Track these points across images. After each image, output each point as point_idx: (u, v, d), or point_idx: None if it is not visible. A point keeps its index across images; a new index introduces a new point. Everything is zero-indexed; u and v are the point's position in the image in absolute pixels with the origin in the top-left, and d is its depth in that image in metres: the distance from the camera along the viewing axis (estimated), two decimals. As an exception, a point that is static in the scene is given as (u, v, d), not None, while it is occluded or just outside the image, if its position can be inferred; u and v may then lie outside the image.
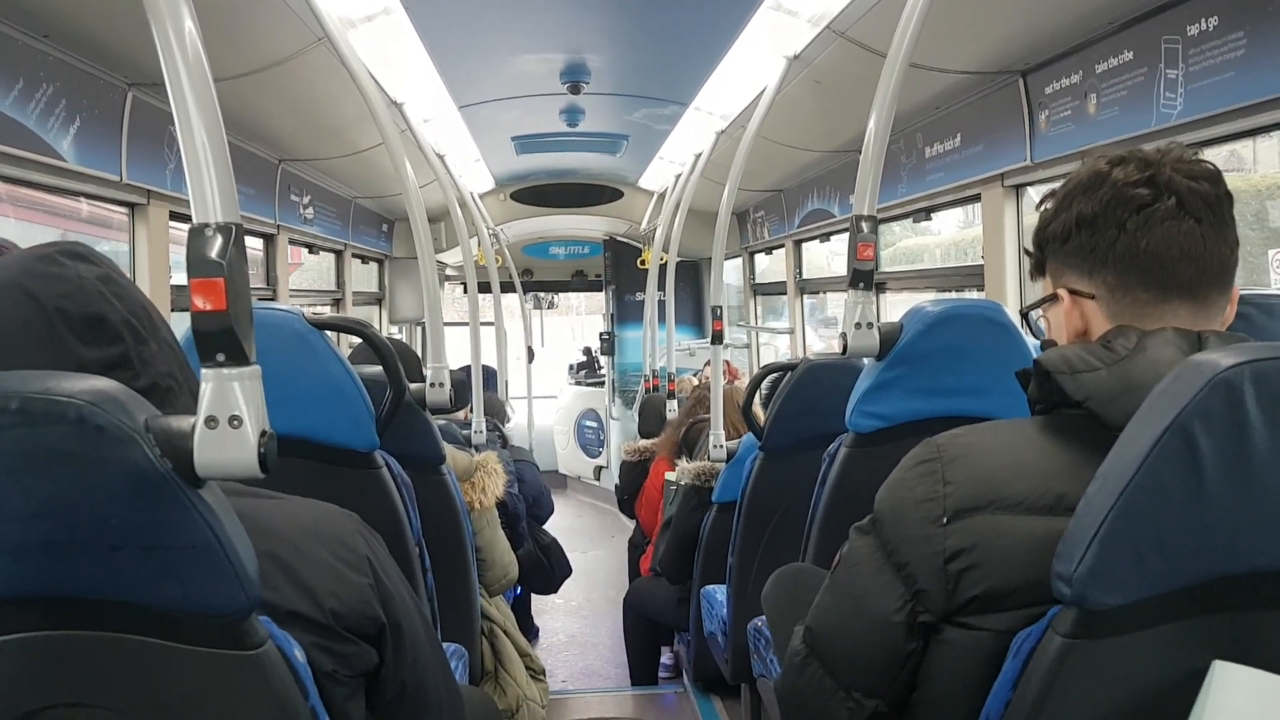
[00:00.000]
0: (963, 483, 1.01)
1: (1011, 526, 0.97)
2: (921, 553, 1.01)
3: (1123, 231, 1.02)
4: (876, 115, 1.84)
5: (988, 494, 0.99)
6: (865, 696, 1.09)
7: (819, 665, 1.14)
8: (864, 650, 1.08)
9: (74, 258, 0.99)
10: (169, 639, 0.87)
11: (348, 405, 1.77)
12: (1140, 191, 1.01)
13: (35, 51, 2.37)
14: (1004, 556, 0.97)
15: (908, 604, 1.03)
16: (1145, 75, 2.38)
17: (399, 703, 1.16)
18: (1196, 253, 1.00)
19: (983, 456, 1.02)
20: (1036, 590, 0.94)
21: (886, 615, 1.04)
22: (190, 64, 0.90)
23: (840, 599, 1.13)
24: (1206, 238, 1.00)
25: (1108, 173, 1.04)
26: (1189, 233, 1.00)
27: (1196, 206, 1.00)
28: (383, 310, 6.93)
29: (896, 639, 1.04)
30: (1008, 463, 1.01)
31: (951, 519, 1.00)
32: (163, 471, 0.82)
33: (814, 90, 3.58)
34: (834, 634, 1.13)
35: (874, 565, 1.07)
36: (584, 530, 7.51)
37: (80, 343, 0.95)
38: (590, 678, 4.50)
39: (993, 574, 0.97)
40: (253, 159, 4.03)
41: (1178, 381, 0.87)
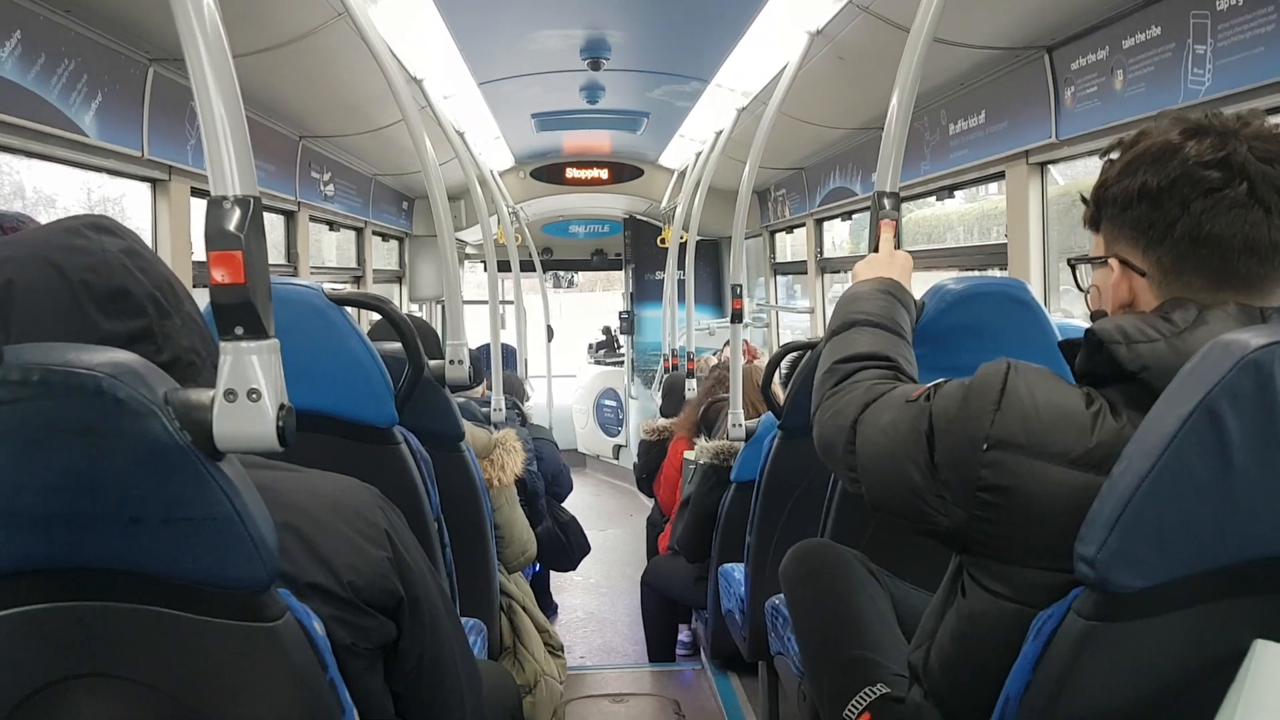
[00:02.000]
0: (1013, 415, 0.99)
1: (1043, 473, 0.96)
2: (958, 469, 1.01)
3: (1186, 212, 0.98)
4: (899, 91, 1.82)
5: (1033, 435, 0.97)
6: None
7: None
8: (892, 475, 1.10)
9: (99, 231, 1.00)
10: (188, 610, 0.87)
11: (367, 381, 1.78)
12: (1211, 174, 0.97)
13: (58, 26, 2.38)
14: (1032, 504, 0.96)
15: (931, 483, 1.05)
16: (1173, 51, 2.34)
17: (417, 676, 1.17)
18: (1261, 245, 0.96)
19: (1042, 395, 1.00)
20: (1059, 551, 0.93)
21: (919, 480, 1.06)
22: (208, 37, 0.89)
23: (881, 435, 1.14)
24: (1273, 229, 0.96)
25: (1180, 145, 0.99)
26: (1256, 223, 0.96)
27: (1268, 195, 0.96)
28: (403, 288, 6.94)
29: (928, 496, 1.06)
30: (1062, 411, 0.98)
31: (991, 446, 0.99)
32: (182, 444, 0.83)
33: (837, 66, 3.54)
34: (873, 468, 1.15)
35: (914, 433, 1.08)
36: (602, 509, 7.53)
37: (103, 315, 0.96)
38: (608, 654, 4.52)
39: (1018, 521, 0.97)
40: (273, 135, 4.03)
41: (1205, 361, 0.85)
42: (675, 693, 3.59)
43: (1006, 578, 1.00)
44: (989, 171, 3.45)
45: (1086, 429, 0.96)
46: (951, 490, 1.02)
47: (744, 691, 3.44)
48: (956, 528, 1.02)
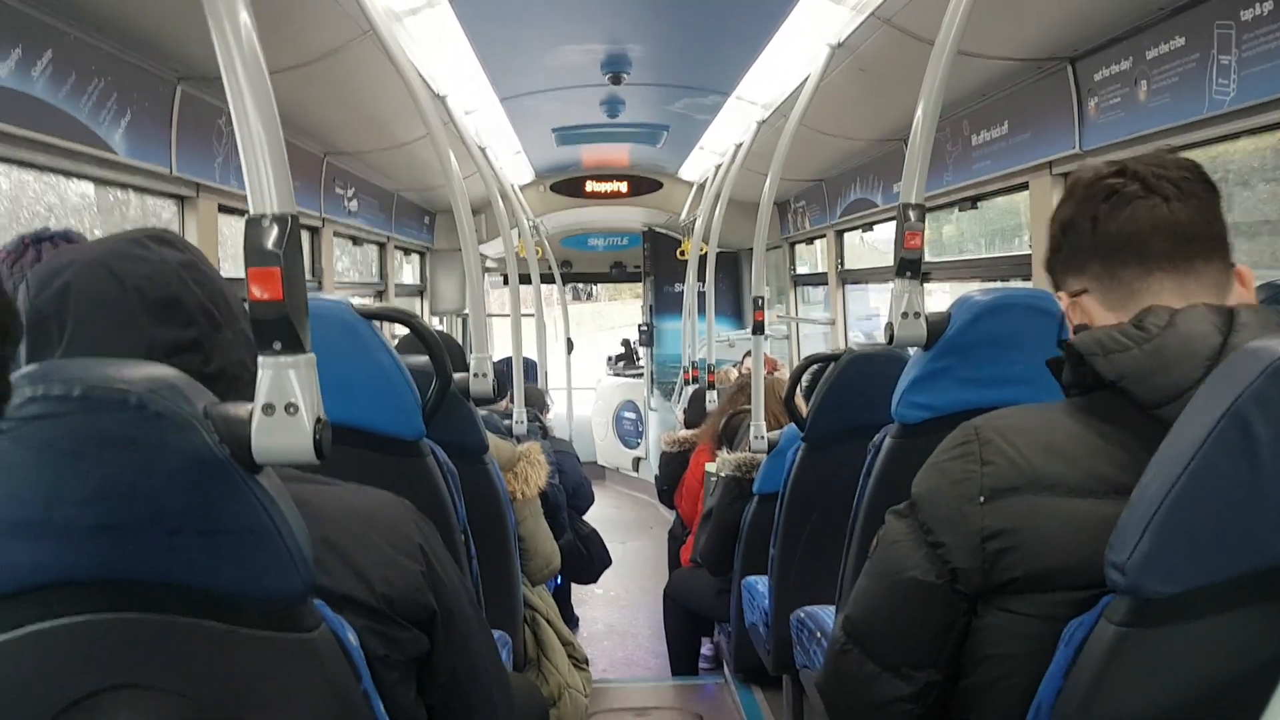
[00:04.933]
0: (1000, 463, 1.02)
1: (1053, 508, 0.98)
2: (959, 532, 1.02)
3: (1096, 222, 1.06)
4: (924, 103, 1.82)
5: (1025, 474, 1.00)
6: (914, 670, 1.08)
7: (858, 650, 1.13)
8: (905, 623, 1.08)
9: (161, 243, 1.03)
10: (225, 621, 0.88)
11: (395, 394, 1.79)
12: (1106, 181, 1.06)
13: (88, 46, 2.41)
14: (1045, 539, 0.97)
15: (944, 579, 1.03)
16: (1197, 61, 2.33)
17: (450, 688, 1.18)
18: (1166, 225, 1.03)
19: (1019, 437, 1.03)
20: (1080, 573, 0.95)
21: (925, 584, 1.04)
22: (246, 57, 0.91)
23: (876, 580, 1.13)
24: (1175, 212, 1.03)
25: (1079, 178, 1.11)
26: (1155, 207, 1.04)
27: (1161, 187, 1.04)
28: (424, 302, 6.97)
29: (936, 607, 1.04)
30: (1044, 443, 1.01)
31: (989, 498, 1.01)
32: (221, 457, 0.84)
33: (858, 78, 3.55)
34: (872, 614, 1.13)
35: (910, 543, 1.08)
36: (623, 521, 7.53)
37: (154, 322, 0.98)
38: (630, 667, 4.51)
39: (1032, 557, 0.98)
40: (299, 152, 4.07)
41: (1233, 368, 0.86)
42: (698, 706, 3.58)
43: (1031, 603, 1.00)
44: (1012, 183, 3.44)
45: (1077, 458, 0.99)
46: (955, 554, 1.02)
47: (768, 705, 3.43)
48: (973, 589, 1.02)
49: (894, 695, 1.09)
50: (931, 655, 1.07)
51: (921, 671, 1.07)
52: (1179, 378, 0.95)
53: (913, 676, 1.07)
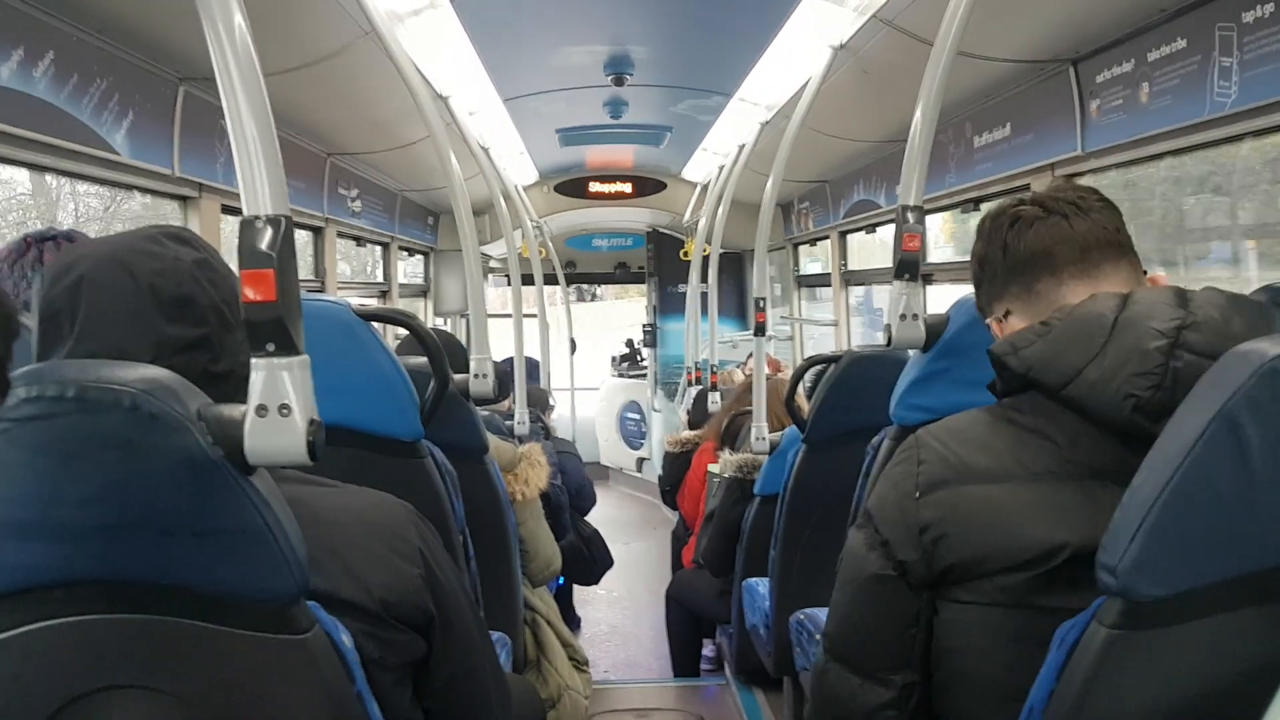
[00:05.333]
0: (932, 460, 1.10)
1: (977, 495, 1.05)
2: (900, 527, 1.09)
3: (1006, 248, 1.16)
4: (923, 104, 1.82)
5: (954, 468, 1.08)
6: (890, 673, 1.11)
7: (839, 666, 1.17)
8: (873, 624, 1.12)
9: (176, 241, 1.04)
10: (219, 623, 0.88)
11: (394, 395, 1.79)
12: (1009, 211, 1.17)
13: (90, 46, 2.42)
14: (971, 524, 1.04)
15: (897, 572, 1.10)
16: (1199, 63, 2.33)
17: (448, 691, 1.18)
18: (1068, 237, 1.12)
19: (950, 437, 1.11)
20: (1006, 554, 1.01)
21: (882, 578, 1.10)
22: (240, 58, 0.91)
23: (843, 589, 1.18)
24: (1075, 226, 1.12)
25: (986, 215, 1.21)
26: (1055, 225, 1.13)
27: (1059, 207, 1.14)
28: (428, 302, 6.98)
29: (896, 601, 1.10)
30: (971, 440, 1.10)
31: (923, 493, 1.08)
32: (214, 458, 0.84)
33: (860, 80, 3.54)
34: (844, 624, 1.17)
35: (866, 547, 1.14)
36: (626, 522, 7.52)
37: (165, 319, 0.99)
38: (632, 669, 4.51)
39: (962, 542, 1.04)
40: (302, 153, 4.08)
41: (1223, 371, 0.86)
42: (699, 708, 3.57)
43: (974, 590, 1.04)
44: (1014, 185, 3.44)
45: (1000, 450, 1.07)
46: (900, 548, 1.09)
47: (769, 707, 3.43)
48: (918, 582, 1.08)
49: (877, 703, 1.12)
50: (903, 654, 1.10)
51: (898, 674, 1.11)
52: (1074, 357, 1.02)
53: (891, 680, 1.11)
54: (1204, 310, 0.98)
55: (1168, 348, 0.97)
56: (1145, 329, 0.99)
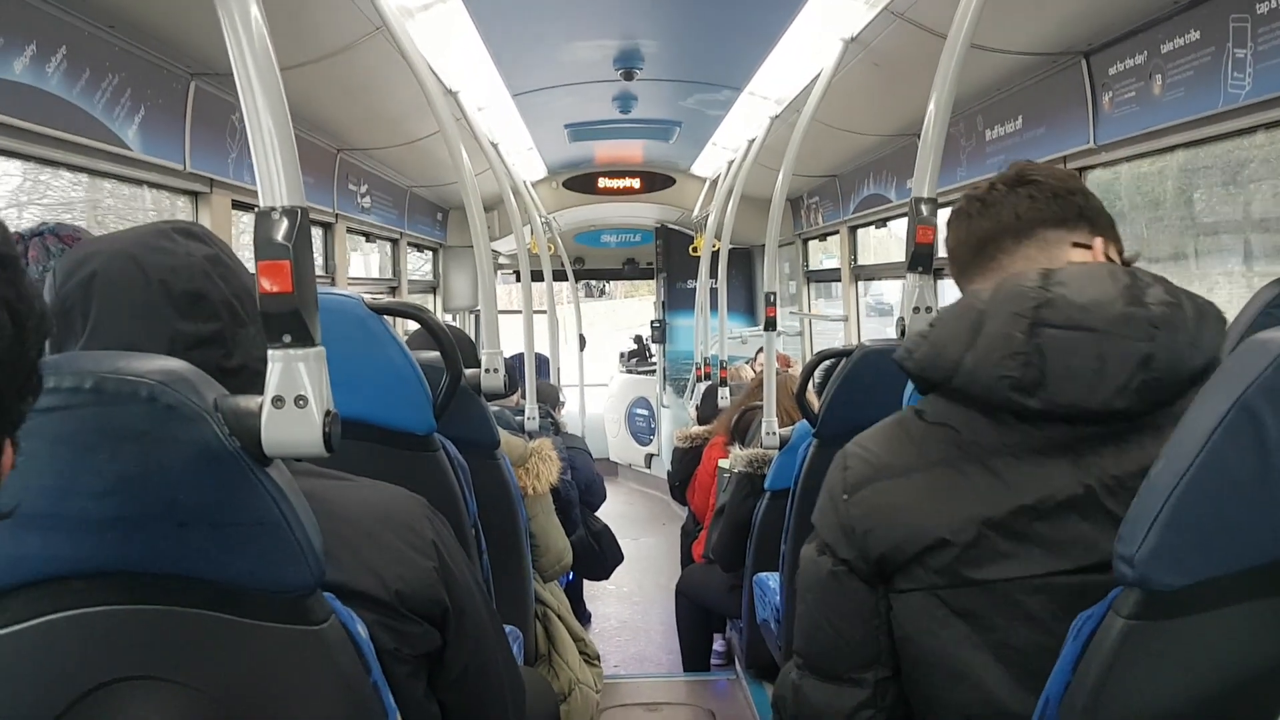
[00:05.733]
0: (855, 465, 1.16)
1: (892, 487, 1.12)
2: (835, 529, 1.15)
3: (963, 238, 1.23)
4: (936, 97, 1.81)
5: (874, 466, 1.14)
6: (862, 671, 1.14)
7: (812, 677, 1.19)
8: (835, 623, 1.16)
9: (188, 236, 1.04)
10: (235, 614, 0.89)
11: (406, 389, 1.79)
12: (958, 209, 1.24)
13: (101, 42, 2.43)
14: (889, 514, 1.10)
15: (842, 568, 1.15)
16: (1212, 55, 2.32)
17: (462, 683, 1.18)
18: (1024, 209, 1.18)
19: (870, 441, 1.19)
20: (919, 538, 1.07)
21: (835, 574, 1.15)
22: (256, 50, 0.91)
23: (802, 599, 1.21)
24: (1034, 199, 1.18)
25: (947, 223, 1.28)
26: (1016, 201, 1.19)
27: (1019, 183, 1.19)
28: (437, 298, 6.99)
29: (850, 596, 1.14)
30: (888, 439, 1.17)
31: (849, 494, 1.14)
32: (231, 449, 0.84)
33: (872, 73, 3.53)
34: (809, 631, 1.20)
35: (816, 554, 1.19)
36: (635, 517, 7.53)
37: (177, 315, 0.99)
38: (642, 663, 4.52)
39: (885, 533, 1.10)
40: (312, 148, 4.08)
41: (1241, 360, 0.85)
42: (710, 702, 3.58)
43: (910, 578, 1.10)
44: (1026, 178, 3.42)
45: (908, 446, 1.13)
46: (840, 548, 1.15)
47: (779, 701, 3.42)
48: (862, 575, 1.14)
49: (853, 704, 1.14)
50: (871, 651, 1.14)
51: (869, 671, 1.14)
52: (952, 351, 1.08)
53: (863, 680, 1.14)
54: (1058, 287, 1.05)
55: (1029, 327, 1.03)
56: (1008, 313, 1.05)
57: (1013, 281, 1.09)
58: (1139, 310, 1.01)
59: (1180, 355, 1.00)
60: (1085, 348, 1.01)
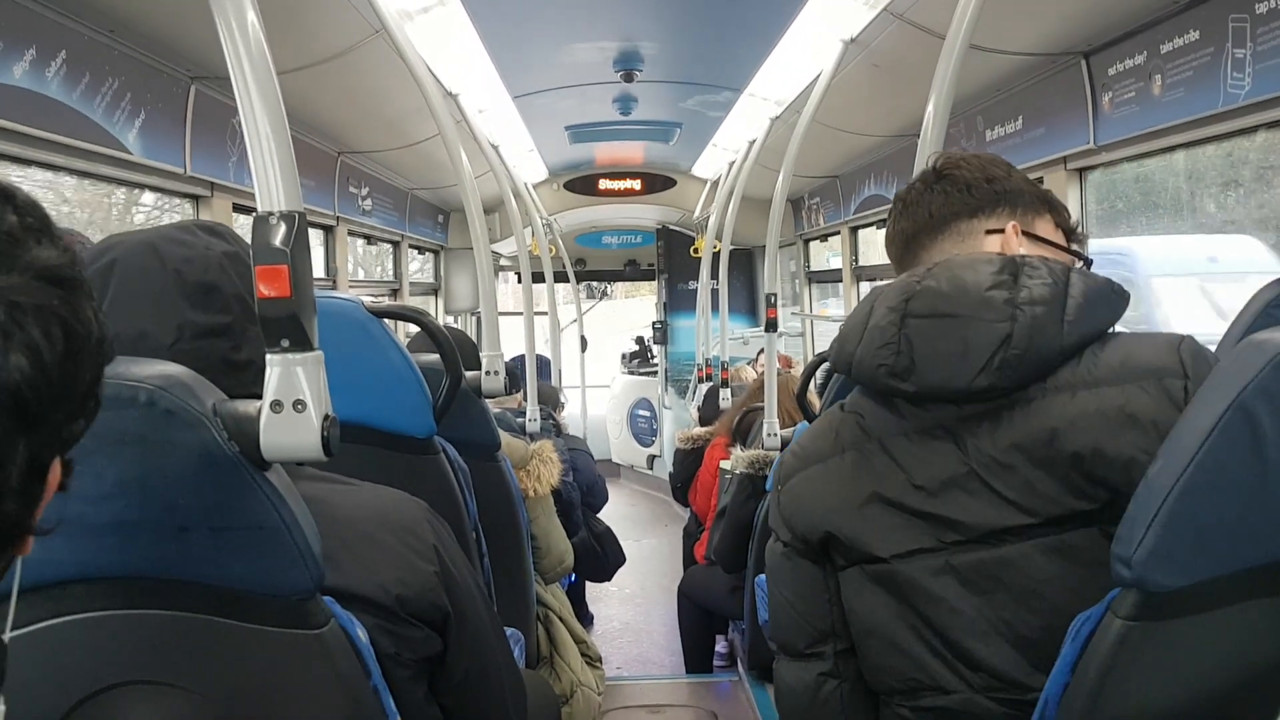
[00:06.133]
0: (788, 460, 1.27)
1: (809, 474, 1.22)
2: (775, 517, 1.26)
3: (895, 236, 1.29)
4: (935, 98, 1.82)
5: (799, 458, 1.25)
6: (820, 645, 1.22)
7: (785, 658, 1.28)
8: (794, 600, 1.24)
9: (210, 232, 1.06)
10: (236, 618, 0.89)
11: (406, 392, 1.79)
12: (900, 194, 1.30)
13: (101, 46, 2.43)
14: (804, 497, 1.21)
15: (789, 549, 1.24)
16: (1212, 55, 2.31)
17: (463, 688, 1.18)
18: (937, 206, 1.24)
19: (805, 434, 1.29)
20: (822, 519, 1.17)
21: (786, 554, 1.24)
22: (253, 55, 0.91)
23: (769, 581, 1.31)
24: (948, 194, 1.24)
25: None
26: (931, 199, 1.25)
27: (935, 179, 1.26)
28: (438, 300, 6.99)
29: (802, 573, 1.23)
30: (814, 432, 1.27)
31: (782, 484, 1.26)
32: (230, 454, 0.84)
33: (871, 74, 3.53)
34: (778, 611, 1.28)
35: (770, 545, 1.30)
36: (637, 519, 7.53)
37: (189, 304, 1.00)
38: (644, 665, 4.51)
39: (805, 516, 1.20)
40: (312, 151, 4.09)
41: (1239, 360, 0.85)
42: (712, 704, 3.58)
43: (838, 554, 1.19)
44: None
45: (826, 435, 1.23)
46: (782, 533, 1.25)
47: (782, 703, 3.42)
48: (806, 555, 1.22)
49: (815, 673, 1.22)
50: (824, 623, 1.21)
51: (827, 644, 1.22)
52: (849, 345, 1.18)
53: (823, 653, 1.22)
54: (929, 280, 1.13)
55: (899, 319, 1.12)
56: (885, 307, 1.15)
57: (903, 277, 1.18)
58: (1001, 293, 1.08)
59: (1043, 332, 1.05)
60: (949, 333, 1.09)
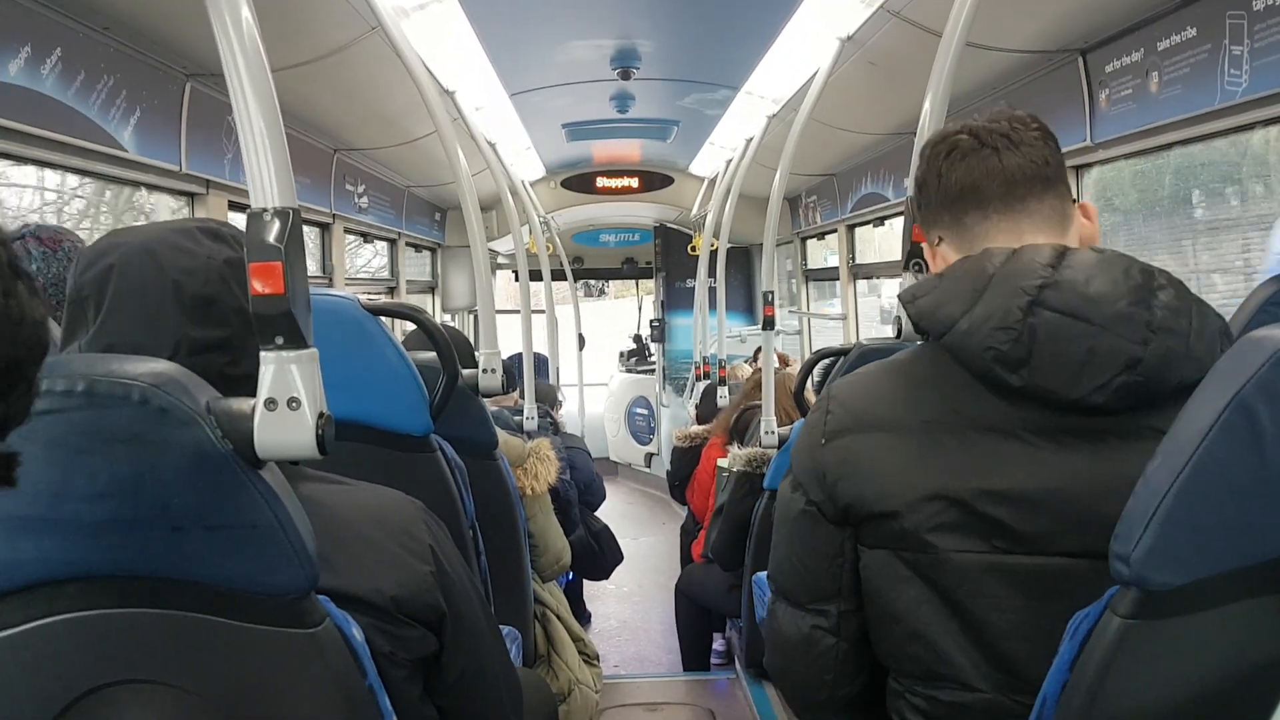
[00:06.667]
0: (838, 412, 1.17)
1: (869, 442, 1.13)
2: (808, 471, 1.18)
3: (940, 178, 1.18)
4: (932, 95, 1.81)
5: (856, 416, 1.15)
6: (824, 603, 1.19)
7: (784, 603, 1.24)
8: (803, 556, 1.20)
9: (213, 238, 1.04)
10: (230, 617, 0.89)
11: (403, 390, 1.79)
12: (947, 140, 1.18)
13: (97, 44, 2.42)
14: (861, 467, 1.12)
15: (813, 508, 1.18)
16: (1209, 52, 2.31)
17: (459, 688, 1.18)
18: (996, 172, 1.14)
19: (856, 388, 1.19)
20: (884, 498, 1.09)
21: (806, 514, 1.19)
22: (247, 52, 0.91)
23: (778, 531, 1.26)
24: (1005, 159, 1.14)
25: (928, 141, 1.23)
26: (987, 158, 1.15)
27: (991, 139, 1.15)
28: (435, 298, 6.99)
29: (819, 535, 1.17)
30: (872, 392, 1.18)
31: (829, 440, 1.16)
32: (224, 452, 0.84)
33: (868, 72, 3.53)
34: (782, 561, 1.24)
35: (790, 490, 1.23)
36: (635, 517, 7.53)
37: (185, 318, 0.99)
38: (642, 663, 4.51)
39: (852, 485, 1.12)
40: (309, 149, 4.08)
41: (1237, 357, 0.85)
42: (710, 702, 3.57)
43: (874, 533, 1.12)
44: (1023, 176, 3.41)
45: (894, 400, 1.14)
46: (811, 490, 1.18)
47: (779, 701, 3.42)
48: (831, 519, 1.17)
49: (813, 625, 1.19)
50: (833, 584, 1.18)
51: (831, 604, 1.18)
52: (953, 308, 1.08)
53: (826, 610, 1.18)
54: (1068, 271, 1.04)
55: (1028, 305, 1.03)
56: (1013, 286, 1.05)
57: (1029, 253, 1.08)
58: (1141, 312, 1.01)
59: (1171, 364, 1.00)
60: (1078, 338, 1.01)
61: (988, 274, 1.08)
